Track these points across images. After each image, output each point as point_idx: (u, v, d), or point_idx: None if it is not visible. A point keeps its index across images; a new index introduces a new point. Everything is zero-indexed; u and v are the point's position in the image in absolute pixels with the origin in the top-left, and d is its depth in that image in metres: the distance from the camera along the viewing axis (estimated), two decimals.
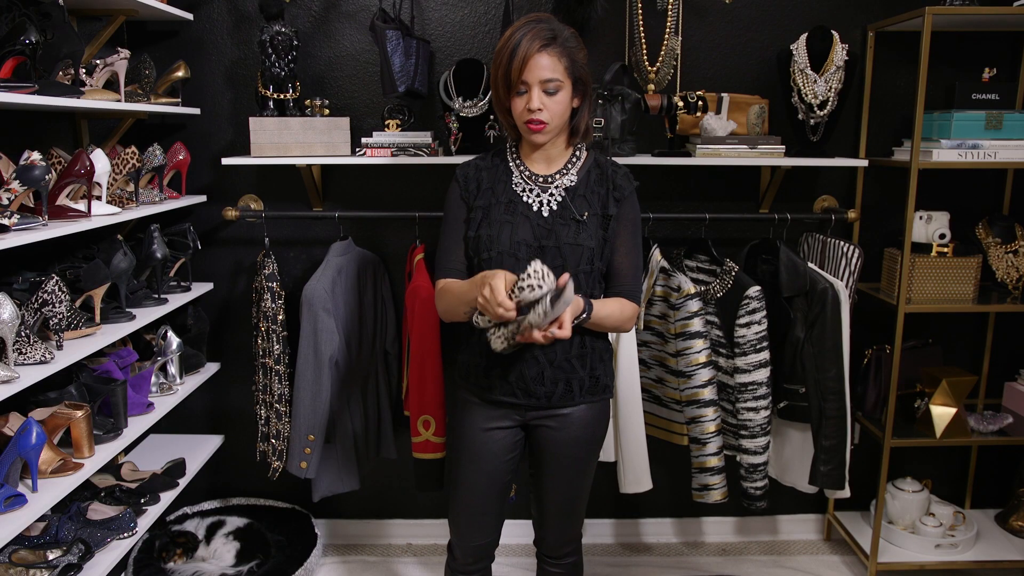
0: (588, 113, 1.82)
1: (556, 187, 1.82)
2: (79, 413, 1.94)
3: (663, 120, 2.55)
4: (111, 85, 2.25)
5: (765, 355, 2.35)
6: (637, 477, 2.41)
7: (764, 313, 2.34)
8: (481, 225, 1.81)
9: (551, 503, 1.94)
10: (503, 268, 1.72)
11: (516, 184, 1.83)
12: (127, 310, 2.21)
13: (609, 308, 1.80)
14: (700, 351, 2.34)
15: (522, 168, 1.84)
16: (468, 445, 1.90)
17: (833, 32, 2.48)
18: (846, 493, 2.45)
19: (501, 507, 1.97)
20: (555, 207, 1.80)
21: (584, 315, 1.74)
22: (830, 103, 2.48)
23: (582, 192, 1.82)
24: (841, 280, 2.44)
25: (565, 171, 1.83)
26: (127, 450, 2.63)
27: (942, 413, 2.59)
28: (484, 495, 1.92)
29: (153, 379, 2.39)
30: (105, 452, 2.02)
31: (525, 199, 1.81)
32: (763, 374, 2.36)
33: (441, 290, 1.85)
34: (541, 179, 1.83)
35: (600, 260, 1.80)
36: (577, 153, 1.85)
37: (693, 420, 2.40)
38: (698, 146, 2.48)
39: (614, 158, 1.89)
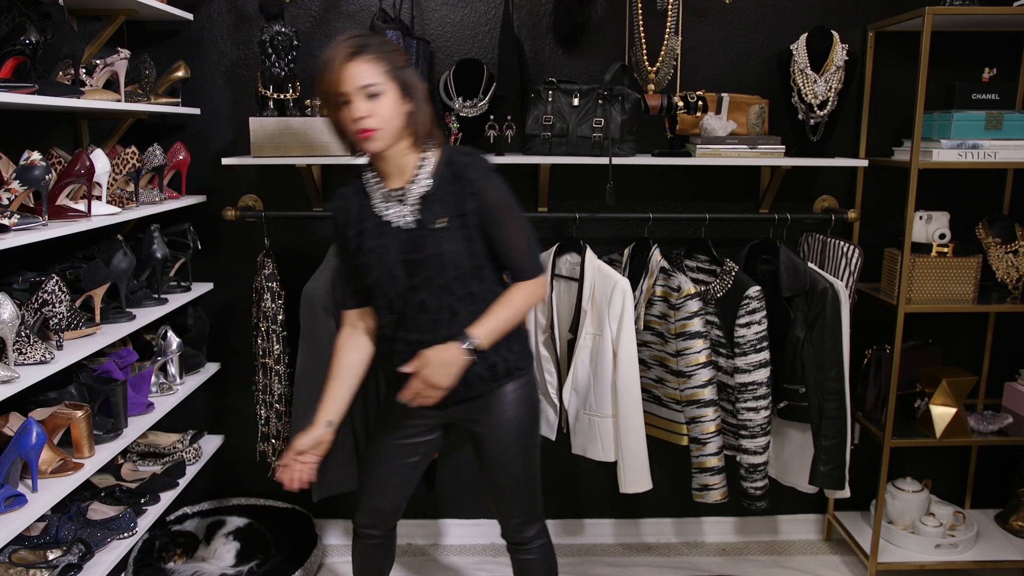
0: (425, 112, 1.79)
1: (413, 196, 1.81)
2: (79, 413, 1.94)
3: (663, 120, 2.55)
4: (111, 85, 2.25)
5: (765, 355, 2.35)
6: (637, 477, 2.41)
7: (764, 313, 2.34)
8: (357, 254, 1.86)
9: (496, 490, 2.00)
10: (383, 291, 1.85)
11: (376, 205, 1.84)
12: (127, 310, 2.22)
13: (499, 313, 1.82)
14: (700, 351, 2.34)
15: (380, 187, 1.85)
16: (384, 409, 2.04)
17: (833, 32, 2.48)
18: (846, 493, 2.45)
19: (400, 483, 2.05)
20: (415, 218, 1.81)
21: (471, 348, 1.78)
22: (830, 103, 2.48)
23: (439, 196, 1.80)
24: (841, 280, 2.44)
25: (415, 179, 1.81)
26: (126, 450, 2.63)
27: (942, 413, 2.59)
28: (380, 465, 2.03)
29: (153, 379, 2.39)
30: (105, 452, 2.02)
31: (386, 218, 1.82)
32: (763, 374, 2.36)
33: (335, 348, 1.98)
34: (398, 193, 1.82)
35: (472, 258, 1.81)
36: (425, 156, 1.82)
37: (693, 420, 2.40)
38: (698, 146, 2.48)
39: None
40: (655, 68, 2.54)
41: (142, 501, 2.27)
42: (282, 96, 2.49)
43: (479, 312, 1.83)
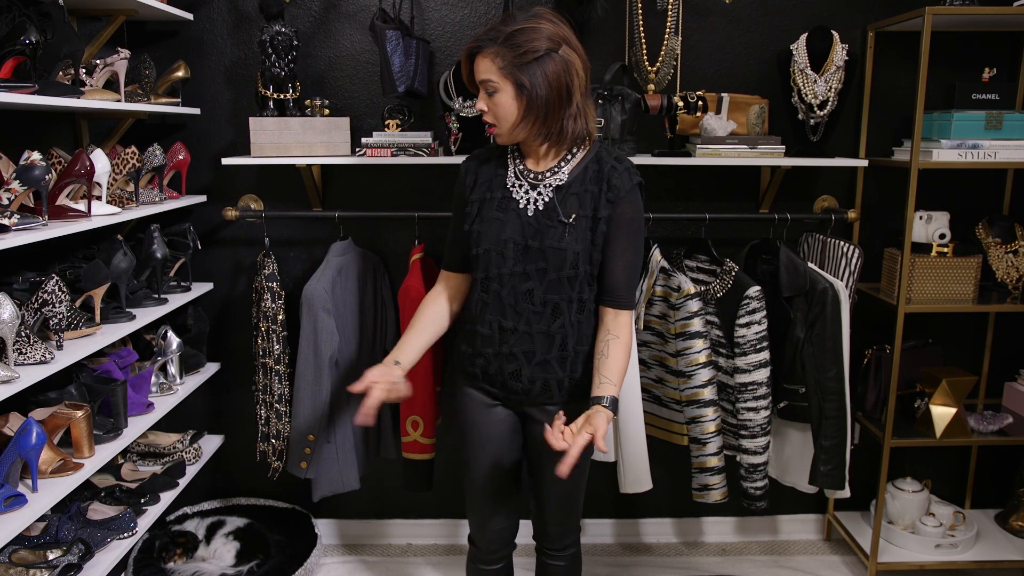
0: (560, 115, 1.69)
1: (546, 185, 1.77)
2: (79, 413, 1.94)
3: (663, 120, 2.55)
4: (111, 85, 2.25)
5: (765, 355, 2.35)
6: (637, 477, 2.41)
7: (764, 313, 2.34)
8: (475, 220, 1.81)
9: (548, 498, 1.95)
10: (487, 267, 1.79)
11: (509, 179, 1.80)
12: (127, 310, 2.21)
13: (617, 363, 1.74)
14: (700, 351, 2.34)
15: (517, 163, 1.81)
16: (472, 426, 1.90)
17: (833, 32, 2.48)
18: (846, 493, 2.45)
19: (515, 489, 1.98)
20: (542, 206, 1.77)
21: (616, 408, 1.72)
22: (830, 103, 2.48)
23: (575, 191, 1.75)
24: (841, 280, 2.44)
25: (556, 168, 1.77)
26: (126, 450, 2.63)
27: (942, 413, 2.59)
28: (498, 475, 1.93)
29: (153, 379, 2.39)
30: (105, 452, 2.02)
31: (514, 195, 1.79)
32: (763, 374, 2.36)
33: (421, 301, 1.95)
34: (532, 175, 1.79)
35: (588, 263, 1.75)
36: (573, 150, 1.78)
37: (693, 420, 2.40)
38: (698, 146, 2.48)
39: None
40: (655, 68, 2.54)
41: (142, 501, 2.27)
42: (282, 96, 2.49)
43: (583, 322, 1.79)
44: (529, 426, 1.91)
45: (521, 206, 1.78)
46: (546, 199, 1.76)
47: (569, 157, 1.78)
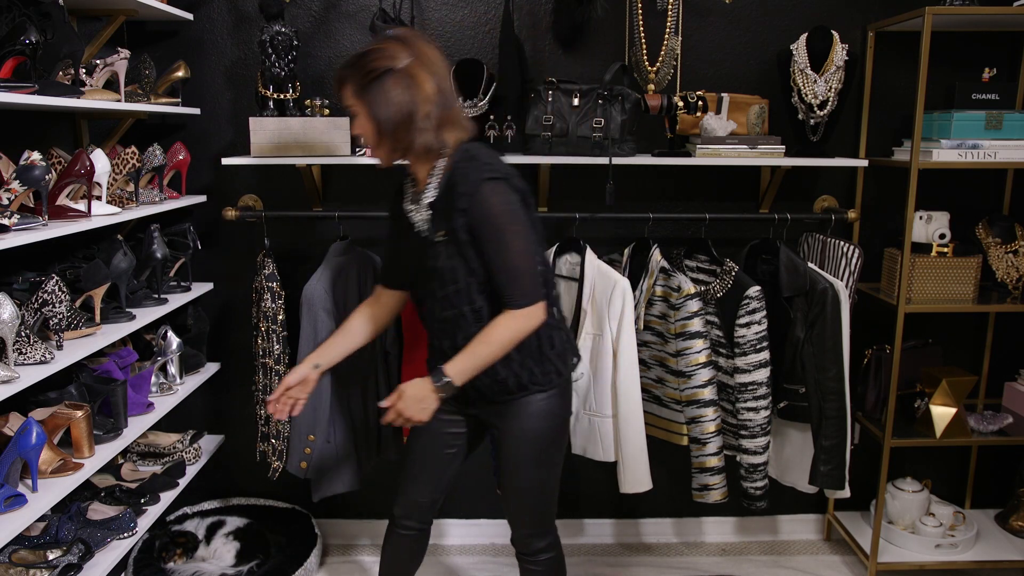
0: (407, 130, 1.70)
1: (423, 205, 1.80)
2: (79, 413, 1.94)
3: (663, 120, 2.55)
4: (111, 85, 2.25)
5: (765, 355, 2.35)
6: (637, 477, 2.41)
7: (764, 313, 2.34)
8: (396, 251, 1.93)
9: (509, 497, 1.99)
10: (411, 288, 1.92)
11: (406, 205, 1.86)
12: (127, 310, 2.21)
13: (475, 348, 1.75)
14: (700, 351, 2.34)
15: (410, 185, 1.87)
16: None
17: (833, 32, 2.48)
18: (846, 493, 2.45)
19: (438, 473, 2.04)
20: (427, 226, 1.80)
21: (442, 385, 1.76)
22: (830, 103, 2.48)
23: (440, 206, 1.75)
24: (841, 280, 2.44)
25: (427, 186, 1.79)
26: (126, 450, 2.63)
27: (942, 413, 2.59)
28: (418, 455, 2.04)
29: (153, 379, 2.39)
30: (105, 452, 2.02)
31: (411, 219, 1.84)
32: (763, 374, 2.36)
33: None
34: (418, 197, 1.83)
35: (469, 275, 1.75)
36: (437, 164, 1.77)
37: (693, 420, 2.40)
38: (698, 146, 2.48)
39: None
40: (655, 68, 2.54)
41: (142, 501, 2.27)
42: (282, 96, 2.49)
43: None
44: (486, 426, 1.99)
45: (416, 229, 1.83)
46: (427, 218, 1.80)
47: (435, 171, 1.78)
